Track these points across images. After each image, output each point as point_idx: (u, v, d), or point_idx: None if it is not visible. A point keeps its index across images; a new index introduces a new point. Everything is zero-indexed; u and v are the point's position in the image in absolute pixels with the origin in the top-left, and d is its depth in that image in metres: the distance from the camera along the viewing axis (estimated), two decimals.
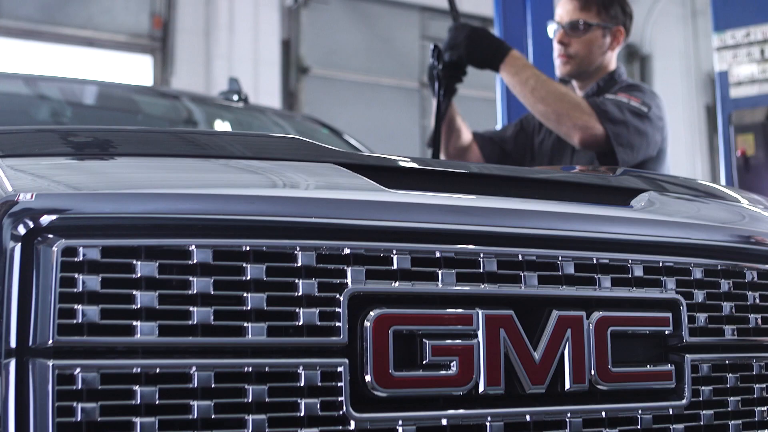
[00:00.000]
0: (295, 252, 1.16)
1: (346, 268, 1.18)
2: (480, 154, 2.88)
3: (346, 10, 9.22)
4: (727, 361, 1.43)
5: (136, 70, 8.25)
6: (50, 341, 1.04)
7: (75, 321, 1.06)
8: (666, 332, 1.38)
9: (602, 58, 2.75)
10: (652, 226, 1.43)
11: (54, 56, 7.94)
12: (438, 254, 1.23)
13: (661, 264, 1.39)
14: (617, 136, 2.48)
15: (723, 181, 4.10)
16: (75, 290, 1.07)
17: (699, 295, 1.43)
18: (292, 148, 1.37)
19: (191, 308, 1.11)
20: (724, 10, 4.22)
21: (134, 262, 1.10)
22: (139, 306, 1.09)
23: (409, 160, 1.40)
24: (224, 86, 8.08)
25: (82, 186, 1.14)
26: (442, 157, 2.80)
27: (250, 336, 1.12)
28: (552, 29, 2.84)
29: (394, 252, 1.20)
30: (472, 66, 2.66)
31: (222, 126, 3.29)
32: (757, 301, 1.50)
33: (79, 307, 1.07)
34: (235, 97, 3.34)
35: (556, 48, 2.80)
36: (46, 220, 1.08)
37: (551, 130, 2.68)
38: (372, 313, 1.18)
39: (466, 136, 2.88)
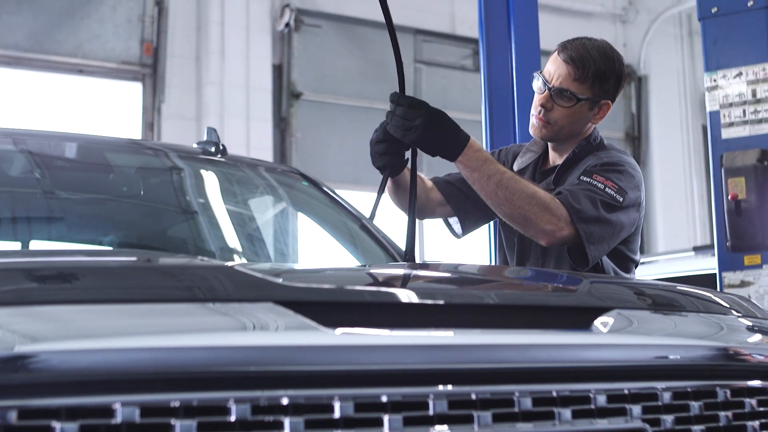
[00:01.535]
0: (228, 405, 1.09)
1: (283, 419, 1.11)
2: (442, 198, 2.66)
3: (339, 34, 9.16)
4: None
5: (126, 97, 8.18)
6: None
7: None
8: None
9: (582, 128, 2.55)
10: (615, 350, 1.36)
11: (43, 84, 7.89)
12: (384, 398, 1.16)
13: (626, 391, 1.32)
14: (590, 236, 2.31)
15: (714, 226, 4.01)
16: None
17: (667, 421, 1.35)
18: (228, 284, 1.30)
19: None
20: (715, 50, 4.14)
21: (53, 423, 1.03)
22: None
23: (353, 287, 1.33)
24: (216, 111, 8.06)
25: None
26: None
27: None
28: (537, 84, 2.53)
29: (336, 398, 1.14)
30: (424, 152, 2.33)
31: (205, 180, 3.21)
32: (731, 419, 1.43)
33: None
34: (213, 148, 3.25)
35: (536, 108, 2.52)
36: None
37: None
38: None
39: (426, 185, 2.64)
